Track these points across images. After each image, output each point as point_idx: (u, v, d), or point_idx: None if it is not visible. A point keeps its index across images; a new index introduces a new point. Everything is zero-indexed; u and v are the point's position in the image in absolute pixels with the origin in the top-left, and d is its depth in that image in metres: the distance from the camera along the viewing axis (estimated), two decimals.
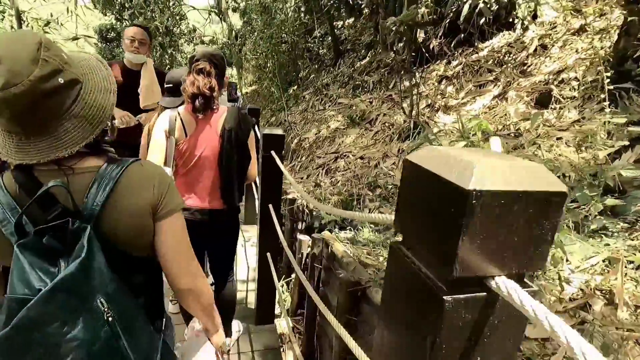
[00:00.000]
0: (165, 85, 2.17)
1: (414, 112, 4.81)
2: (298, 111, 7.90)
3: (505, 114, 4.28)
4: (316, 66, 10.16)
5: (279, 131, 2.05)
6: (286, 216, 3.57)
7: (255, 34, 10.66)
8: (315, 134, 6.14)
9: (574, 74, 4.10)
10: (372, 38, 8.15)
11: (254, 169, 1.88)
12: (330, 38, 11.87)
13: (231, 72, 26.68)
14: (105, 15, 19.24)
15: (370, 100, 6.07)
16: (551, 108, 4.00)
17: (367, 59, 7.75)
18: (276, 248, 2.29)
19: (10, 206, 0.77)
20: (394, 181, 3.91)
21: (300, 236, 2.88)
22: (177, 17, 20.60)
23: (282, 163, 2.05)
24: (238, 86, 16.15)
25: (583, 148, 3.31)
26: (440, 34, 6.04)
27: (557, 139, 3.50)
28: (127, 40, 2.43)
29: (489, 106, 4.74)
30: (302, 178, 5.10)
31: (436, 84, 5.62)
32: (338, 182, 4.39)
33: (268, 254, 2.22)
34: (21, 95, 0.69)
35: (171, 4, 18.52)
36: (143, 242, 0.89)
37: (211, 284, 1.94)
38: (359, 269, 2.05)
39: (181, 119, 1.68)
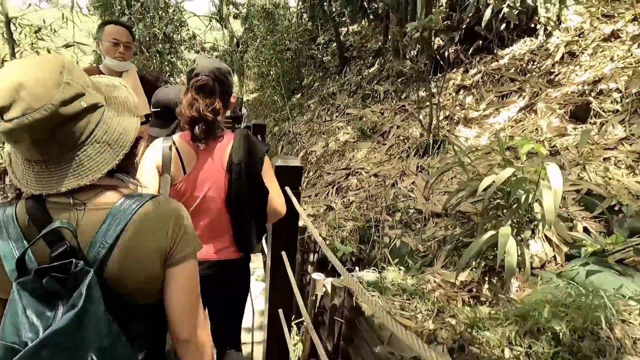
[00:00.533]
0: (152, 109, 1.76)
1: (432, 125, 4.40)
2: (303, 121, 7.50)
3: (537, 129, 3.87)
4: (321, 74, 9.79)
5: (295, 162, 1.64)
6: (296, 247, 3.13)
7: (258, 40, 10.31)
8: (323, 147, 5.73)
9: (614, 84, 3.69)
10: (380, 45, 7.78)
11: (277, 200, 1.44)
12: (335, 45, 11.54)
13: (234, 79, 26.46)
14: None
15: (382, 111, 5.67)
16: (590, 123, 3.59)
17: (376, 66, 7.37)
18: (289, 301, 1.86)
19: (18, 238, 0.74)
20: (416, 204, 3.48)
21: (314, 275, 2.45)
22: (177, 24, 20.38)
23: (299, 201, 1.63)
24: (242, 98, 15.84)
25: (638, 171, 2.89)
26: (456, 41, 5.65)
27: (604, 159, 3.09)
28: (108, 42, 1.99)
29: (515, 119, 4.32)
30: (309, 197, 4.67)
31: (454, 94, 5.22)
32: (351, 203, 3.96)
33: (280, 311, 1.78)
34: (43, 120, 0.69)
35: (171, 10, 18.27)
36: (150, 290, 0.83)
37: None
38: (396, 339, 1.63)
39: (177, 151, 1.33)
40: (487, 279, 2.55)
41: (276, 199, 1.41)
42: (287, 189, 1.58)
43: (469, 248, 2.16)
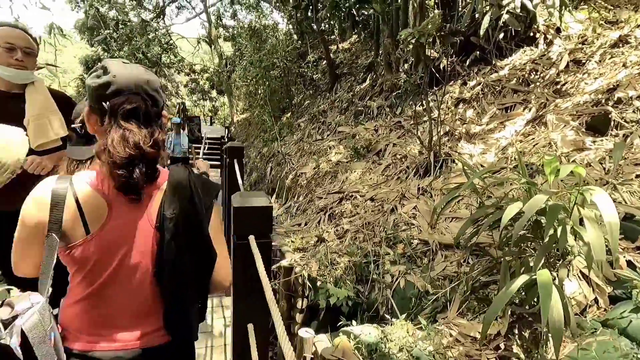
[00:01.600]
0: (73, 126, 1.32)
1: (432, 142, 3.98)
2: (293, 141, 7.08)
3: (550, 143, 3.46)
4: (311, 92, 9.47)
5: (261, 200, 1.16)
6: (280, 292, 2.62)
7: (245, 59, 10.02)
8: (314, 168, 5.28)
9: (634, 91, 3.31)
10: (371, 59, 7.48)
11: (224, 269, 1.05)
12: (325, 62, 11.30)
13: (223, 100, 26.23)
14: (92, 46, 18.80)
15: (376, 127, 5.26)
16: (611, 135, 3.20)
17: (368, 82, 7.03)
18: None
19: None
20: (420, 234, 3.01)
21: (302, 332, 1.94)
22: (166, 47, 20.25)
23: (269, 254, 1.14)
24: (215, 118, 15.34)
25: None
26: (452, 52, 5.32)
27: (636, 176, 2.67)
28: (0, 47, 1.55)
29: (523, 133, 3.92)
30: (299, 225, 4.18)
31: (452, 107, 4.84)
32: (346, 232, 3.47)
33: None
34: None
35: (160, 33, 18.12)
36: None
37: None
38: None
39: (77, 200, 0.88)
40: (516, 331, 2.05)
41: (223, 267, 1.01)
42: (251, 238, 1.11)
43: (498, 298, 1.67)
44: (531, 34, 5.14)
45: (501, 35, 4.99)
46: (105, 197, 0.89)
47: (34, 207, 0.87)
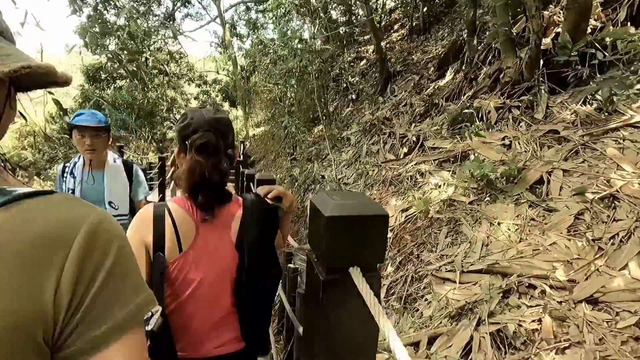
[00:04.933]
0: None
1: None
2: (343, 161, 4.91)
3: None
4: (352, 97, 7.37)
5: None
6: None
7: (269, 57, 8.02)
8: (403, 210, 3.08)
9: None
10: (443, 51, 5.36)
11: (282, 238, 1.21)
12: (362, 62, 9.27)
13: (236, 114, 24.49)
14: (94, 54, 17.30)
15: (509, 140, 3.07)
16: None
17: (449, 76, 4.89)
18: None
19: None
20: None
21: None
22: (176, 55, 18.63)
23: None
24: (244, 134, 13.39)
25: None
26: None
27: None
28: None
29: None
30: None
31: None
32: None
33: None
34: None
35: (167, 39, 16.52)
36: None
37: None
38: None
39: (173, 222, 1.00)
40: None
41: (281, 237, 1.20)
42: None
43: None
44: None
45: None
46: (194, 220, 1.03)
47: (139, 226, 1.00)
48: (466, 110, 3.60)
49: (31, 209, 0.36)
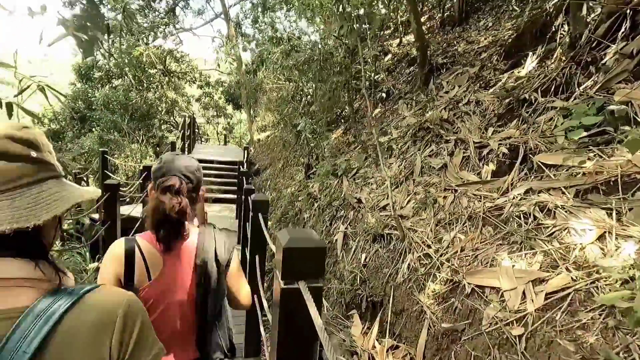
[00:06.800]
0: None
1: None
2: (386, 179, 3.54)
3: None
4: (384, 95, 6.02)
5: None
6: None
7: (278, 50, 6.69)
8: (537, 279, 1.68)
9: None
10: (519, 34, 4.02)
11: (245, 293, 1.36)
12: (388, 57, 7.94)
13: (239, 117, 23.15)
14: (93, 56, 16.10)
15: None
16: None
17: (534, 62, 3.53)
18: None
19: None
20: None
21: None
22: (177, 53, 17.40)
23: None
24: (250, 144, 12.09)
25: None
26: None
27: None
28: None
29: None
30: None
31: None
32: None
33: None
34: None
35: (167, 36, 15.31)
36: None
37: None
38: None
39: (142, 254, 1.19)
40: None
41: (244, 291, 1.35)
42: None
43: None
44: None
45: None
46: (160, 252, 1.19)
47: (113, 262, 1.16)
48: (613, 107, 2.22)
49: (87, 303, 0.58)
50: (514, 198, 2.29)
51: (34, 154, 0.60)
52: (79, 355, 0.54)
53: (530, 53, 3.81)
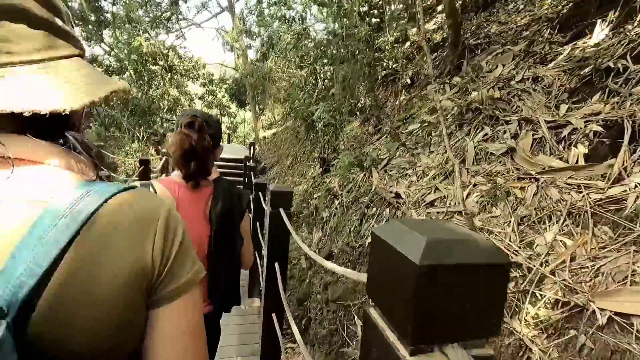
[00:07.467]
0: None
1: None
2: (428, 169, 2.94)
3: None
4: (407, 80, 5.42)
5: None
6: None
7: (288, 37, 6.10)
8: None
9: None
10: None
11: (249, 254, 1.43)
12: (448, 21, 7.32)
13: (243, 116, 22.55)
14: (87, 40, 15.58)
15: None
16: None
17: (605, 30, 2.92)
18: None
19: None
20: None
21: None
22: (179, 49, 16.85)
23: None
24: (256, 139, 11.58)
25: None
26: None
27: None
28: None
29: None
30: None
31: None
32: None
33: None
34: None
35: (167, 21, 14.77)
36: (117, 345, 0.45)
37: None
38: None
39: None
40: None
41: (248, 253, 1.40)
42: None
43: None
44: None
45: None
46: (174, 194, 1.20)
47: None
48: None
49: (126, 199, 0.48)
50: (636, 187, 1.67)
51: (59, 22, 0.49)
52: (116, 254, 0.44)
53: (600, 20, 3.19)
